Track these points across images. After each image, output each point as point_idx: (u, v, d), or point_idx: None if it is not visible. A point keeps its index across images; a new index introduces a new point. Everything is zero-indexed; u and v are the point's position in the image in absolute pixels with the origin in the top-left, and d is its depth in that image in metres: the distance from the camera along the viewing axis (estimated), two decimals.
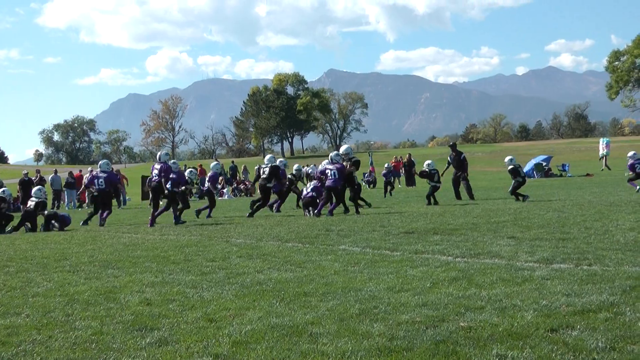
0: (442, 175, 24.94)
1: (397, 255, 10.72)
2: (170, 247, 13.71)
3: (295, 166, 27.71)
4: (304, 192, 22.28)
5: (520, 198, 22.48)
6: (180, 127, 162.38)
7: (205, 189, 25.56)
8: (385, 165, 35.40)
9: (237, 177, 50.14)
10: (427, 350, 5.35)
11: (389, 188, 33.35)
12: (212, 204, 23.64)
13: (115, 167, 48.28)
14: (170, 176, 21.18)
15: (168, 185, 21.09)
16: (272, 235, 15.16)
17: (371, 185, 47.60)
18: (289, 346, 5.74)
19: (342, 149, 22.33)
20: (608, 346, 5.18)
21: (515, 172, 23.27)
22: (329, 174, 20.69)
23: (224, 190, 43.55)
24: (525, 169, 50.73)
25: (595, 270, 8.41)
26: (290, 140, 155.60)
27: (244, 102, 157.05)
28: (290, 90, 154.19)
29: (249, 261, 10.99)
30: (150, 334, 6.32)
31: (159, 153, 22.56)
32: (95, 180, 21.91)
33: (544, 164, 51.45)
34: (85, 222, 21.95)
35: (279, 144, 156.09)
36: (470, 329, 5.89)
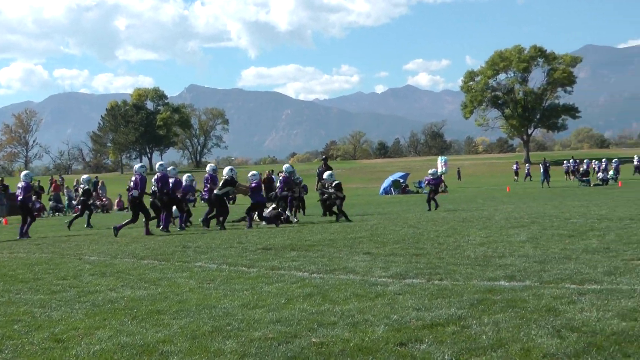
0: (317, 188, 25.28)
1: (254, 272, 10.73)
2: (19, 266, 13.22)
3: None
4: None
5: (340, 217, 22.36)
6: (34, 141, 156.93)
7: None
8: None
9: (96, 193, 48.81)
10: None
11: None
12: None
13: None
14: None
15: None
16: (127, 253, 14.85)
17: (231, 202, 47.39)
18: None
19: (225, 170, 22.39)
20: (453, 358, 5.37)
21: (339, 187, 23.24)
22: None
23: (79, 207, 42.29)
24: (383, 185, 52.13)
25: (445, 284, 8.69)
26: (149, 155, 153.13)
27: (102, 116, 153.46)
28: (150, 105, 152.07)
29: (102, 279, 10.75)
30: None
31: (157, 164, 22.35)
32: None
33: (402, 180, 52.82)
34: None
35: (138, 160, 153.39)
36: (322, 344, 5.96)
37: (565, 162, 67.74)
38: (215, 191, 21.49)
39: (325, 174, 23.58)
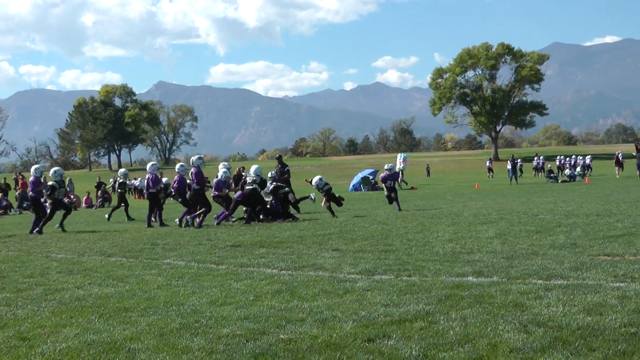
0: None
1: (222, 269, 10.69)
2: None
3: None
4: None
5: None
6: (0, 138, 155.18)
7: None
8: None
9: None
10: None
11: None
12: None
13: None
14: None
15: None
16: (95, 250, 14.74)
17: None
18: None
19: (252, 169, 22.16)
20: (421, 354, 5.39)
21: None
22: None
23: (46, 204, 41.91)
24: (353, 182, 52.15)
25: (414, 280, 8.72)
26: (117, 152, 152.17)
27: (69, 113, 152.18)
28: (118, 102, 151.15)
29: (69, 277, 10.66)
30: None
31: (192, 158, 22.05)
32: None
33: (371, 177, 52.91)
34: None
35: (106, 157, 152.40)
36: (290, 341, 5.96)
37: (535, 158, 68.32)
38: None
39: (315, 179, 22.86)
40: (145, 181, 22.96)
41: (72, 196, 45.62)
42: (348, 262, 10.75)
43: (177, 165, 22.66)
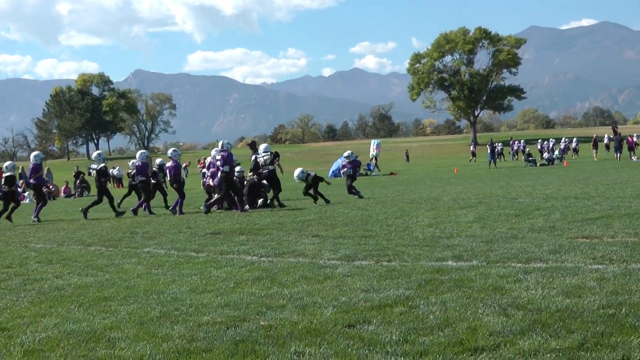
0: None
1: (202, 257, 10.69)
2: None
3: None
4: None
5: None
6: None
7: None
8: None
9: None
10: (226, 351, 5.36)
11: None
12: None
13: None
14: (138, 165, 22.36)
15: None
16: (74, 239, 14.70)
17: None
18: (84, 352, 5.59)
19: (261, 147, 22.07)
20: (401, 339, 5.40)
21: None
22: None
23: (25, 194, 41.78)
24: (332, 168, 52.14)
25: (394, 266, 8.74)
26: (96, 141, 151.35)
27: (46, 103, 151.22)
28: (95, 91, 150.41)
29: (48, 266, 10.63)
30: None
31: (220, 142, 21.31)
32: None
33: None
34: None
35: (84, 146, 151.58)
36: (270, 327, 5.95)
37: (516, 142, 68.69)
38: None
39: (296, 172, 21.95)
40: (135, 169, 22.64)
41: (50, 185, 45.42)
42: (328, 248, 10.75)
43: (170, 150, 22.36)
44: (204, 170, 22.08)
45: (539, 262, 8.42)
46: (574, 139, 69.80)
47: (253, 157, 22.08)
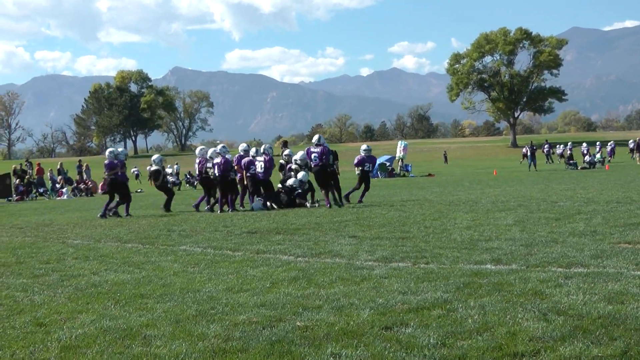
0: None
1: (239, 256, 10.71)
2: (2, 249, 13.22)
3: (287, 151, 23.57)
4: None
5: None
6: (17, 124, 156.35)
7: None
8: None
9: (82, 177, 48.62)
10: (262, 351, 5.36)
11: None
12: None
13: None
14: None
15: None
16: (111, 236, 14.83)
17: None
18: (120, 349, 5.63)
19: (298, 155, 21.84)
20: (439, 342, 5.36)
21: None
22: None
23: (63, 190, 42.36)
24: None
25: (431, 268, 8.68)
26: (133, 138, 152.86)
27: (85, 99, 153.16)
28: (133, 87, 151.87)
29: (85, 263, 10.73)
30: None
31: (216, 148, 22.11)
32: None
33: (388, 164, 52.79)
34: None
35: (122, 143, 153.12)
36: (306, 328, 5.94)
37: (545, 145, 68.03)
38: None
39: (301, 175, 21.54)
40: (216, 166, 21.86)
41: (89, 182, 45.92)
42: (365, 249, 10.72)
43: (219, 147, 22.15)
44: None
45: (580, 267, 8.31)
46: (611, 142, 68.96)
47: (283, 160, 22.24)
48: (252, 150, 22.18)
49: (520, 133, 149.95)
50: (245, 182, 21.75)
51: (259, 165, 21.12)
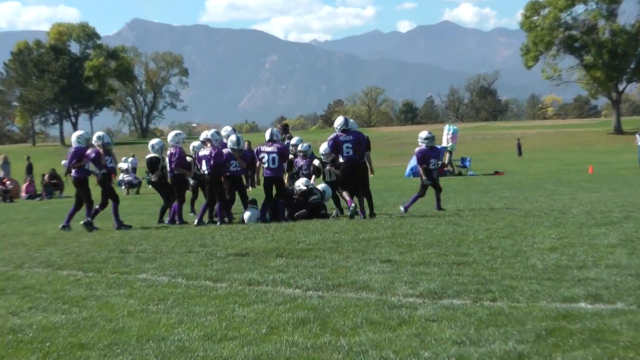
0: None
1: (223, 288, 10.72)
2: None
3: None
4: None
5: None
6: None
7: None
8: None
9: None
10: None
11: None
12: None
13: None
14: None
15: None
16: (38, 260, 14.87)
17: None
18: None
19: (322, 148, 22.19)
20: None
21: None
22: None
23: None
24: (411, 164, 51.75)
25: (500, 307, 8.64)
26: (73, 119, 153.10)
27: (4, 63, 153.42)
28: (75, 48, 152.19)
29: (1, 298, 10.78)
30: None
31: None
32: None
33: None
34: None
35: (57, 125, 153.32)
36: None
37: None
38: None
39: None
40: (168, 158, 22.13)
41: (7, 181, 45.73)
42: (404, 279, 10.69)
43: (211, 132, 22.13)
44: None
45: None
46: None
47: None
48: (232, 139, 22.06)
49: (627, 114, 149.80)
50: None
51: (270, 158, 21.02)
